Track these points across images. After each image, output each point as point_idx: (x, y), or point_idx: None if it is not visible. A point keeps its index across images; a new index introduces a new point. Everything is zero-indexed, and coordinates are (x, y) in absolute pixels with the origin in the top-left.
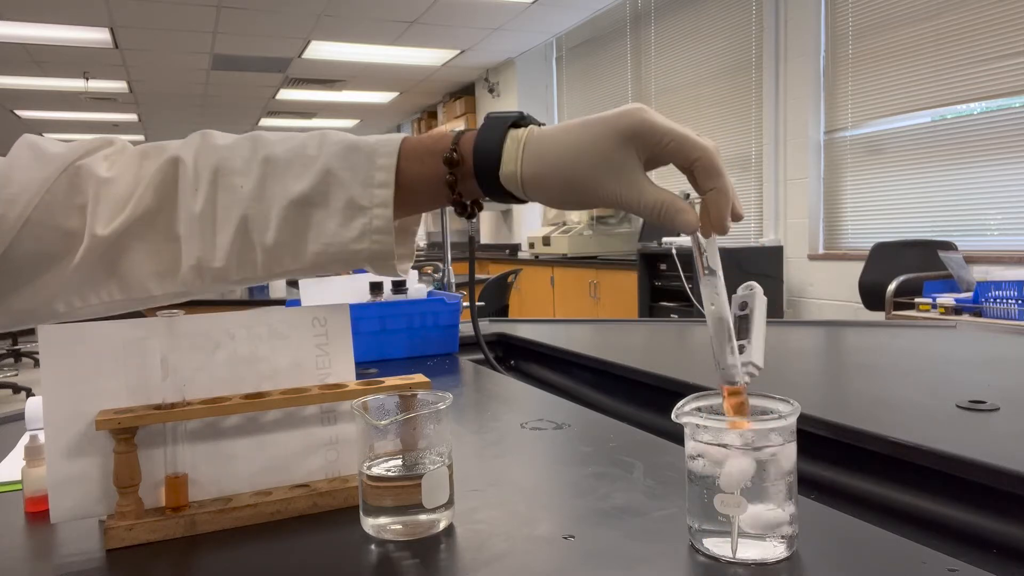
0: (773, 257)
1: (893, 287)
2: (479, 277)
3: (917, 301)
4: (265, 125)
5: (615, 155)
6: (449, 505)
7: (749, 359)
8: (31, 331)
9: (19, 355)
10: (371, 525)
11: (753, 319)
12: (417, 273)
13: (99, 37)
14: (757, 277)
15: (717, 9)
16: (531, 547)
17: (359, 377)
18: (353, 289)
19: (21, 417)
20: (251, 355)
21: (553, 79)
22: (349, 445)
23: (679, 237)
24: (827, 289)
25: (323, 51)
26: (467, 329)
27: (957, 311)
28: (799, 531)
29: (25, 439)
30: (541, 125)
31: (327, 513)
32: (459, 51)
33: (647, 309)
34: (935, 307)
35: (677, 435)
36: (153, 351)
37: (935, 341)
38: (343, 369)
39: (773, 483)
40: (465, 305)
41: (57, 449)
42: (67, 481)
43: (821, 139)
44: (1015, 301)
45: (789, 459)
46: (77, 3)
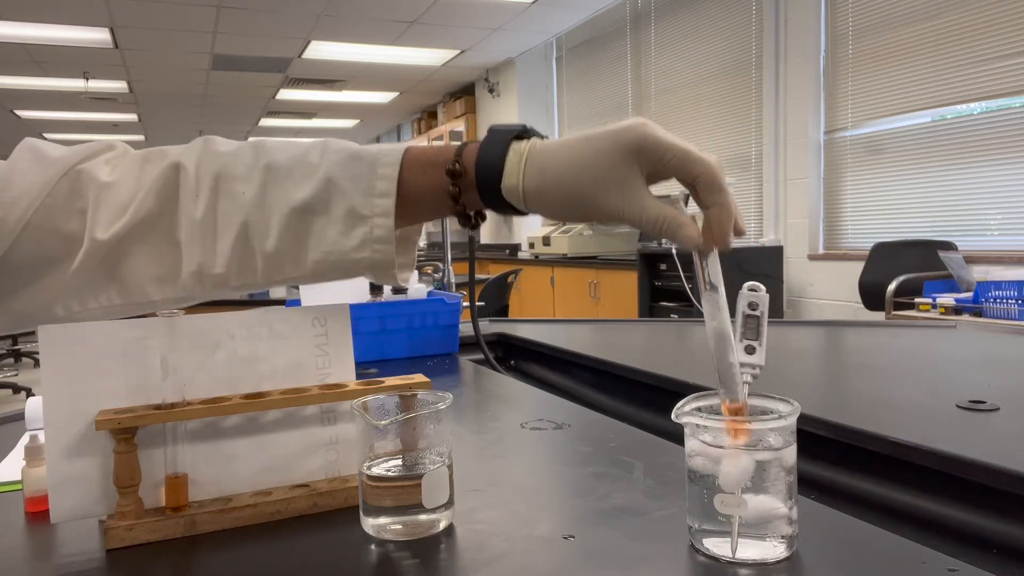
0: (773, 257)
1: (893, 287)
2: (479, 277)
3: (917, 301)
4: (265, 125)
5: (617, 169)
6: (449, 505)
7: (758, 361)
8: (31, 331)
9: (19, 355)
10: (371, 525)
11: (763, 320)
12: (417, 273)
13: (99, 37)
14: (757, 277)
15: (717, 9)
16: (531, 547)
17: (359, 377)
18: (353, 289)
19: (21, 417)
20: (251, 355)
21: (553, 79)
22: (349, 445)
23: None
24: (827, 289)
25: (323, 51)
26: (467, 329)
27: (957, 311)
28: (799, 531)
29: (25, 439)
30: (544, 138)
31: (327, 513)
32: (459, 51)
33: (647, 309)
34: (935, 307)
35: (677, 435)
36: (153, 351)
37: (935, 341)
38: (343, 369)
39: (773, 483)
40: (465, 305)
41: (57, 449)
42: (67, 481)
43: (821, 139)
44: (1015, 301)
45: (789, 459)
46: (77, 3)
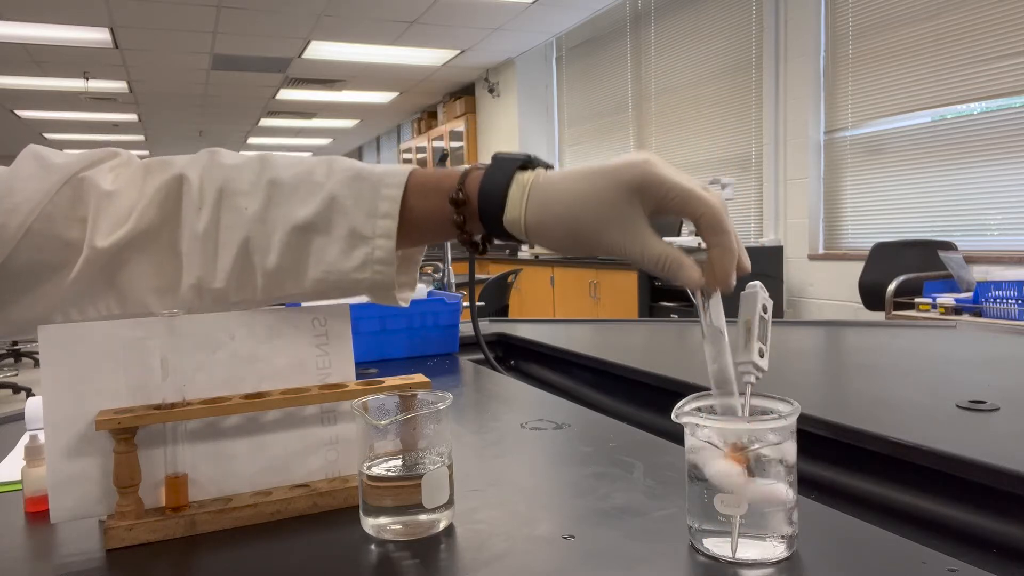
0: (773, 257)
1: (893, 287)
2: (479, 277)
3: (917, 301)
4: (265, 125)
5: (619, 207)
6: (449, 505)
7: (765, 366)
8: None
9: (19, 355)
10: (371, 525)
11: (770, 322)
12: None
13: (99, 37)
14: (757, 277)
15: (717, 9)
16: (531, 547)
17: (359, 377)
18: None
19: (21, 417)
20: (251, 355)
21: (553, 79)
22: (349, 445)
23: (679, 236)
24: (827, 289)
25: (323, 51)
26: (467, 329)
27: (957, 311)
28: (799, 531)
29: (25, 439)
30: (548, 167)
31: (327, 513)
32: (459, 51)
33: (647, 309)
34: (935, 307)
35: (677, 435)
36: (153, 351)
37: (935, 341)
38: (343, 369)
39: (773, 483)
40: (465, 305)
41: (57, 449)
42: (67, 481)
43: (821, 139)
44: (1015, 301)
45: (789, 459)
46: (77, 3)
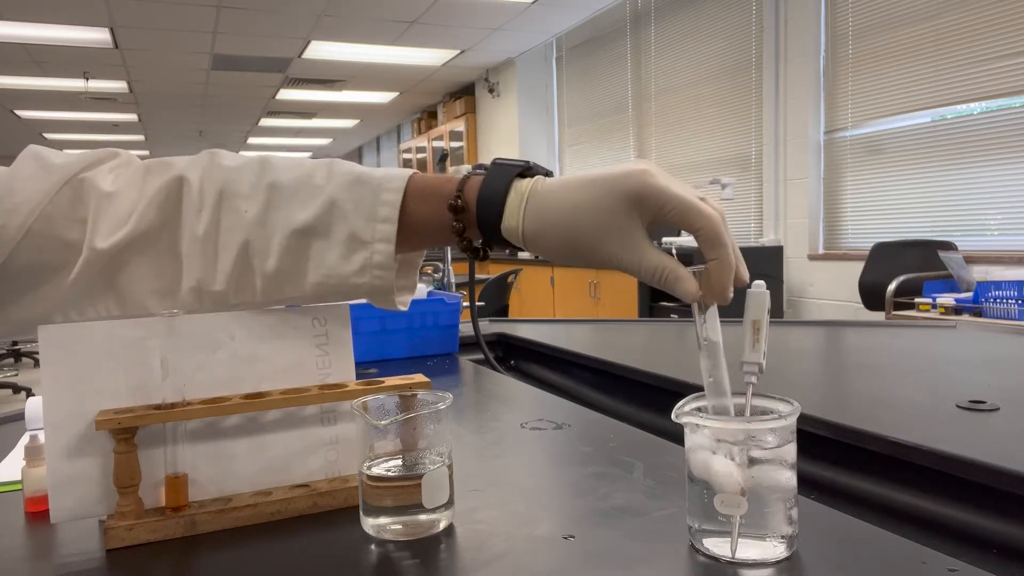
0: (773, 257)
1: (893, 287)
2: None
3: (917, 301)
4: (265, 125)
5: (616, 218)
6: (449, 505)
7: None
8: None
9: (19, 355)
10: (371, 525)
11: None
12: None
13: (99, 37)
14: (757, 277)
15: (717, 9)
16: (531, 547)
17: (359, 377)
18: None
19: (21, 417)
20: (251, 355)
21: (553, 79)
22: (349, 445)
23: (679, 236)
24: (827, 289)
25: (323, 51)
26: (467, 329)
27: (957, 311)
28: (799, 531)
29: (25, 439)
30: (548, 174)
31: (327, 513)
32: (459, 51)
33: (647, 309)
34: (935, 307)
35: (677, 435)
36: (153, 351)
37: (935, 341)
38: (343, 369)
39: (773, 483)
40: (465, 305)
41: (57, 449)
42: (67, 481)
43: (821, 139)
44: (1015, 301)
45: (789, 459)
46: (77, 3)
